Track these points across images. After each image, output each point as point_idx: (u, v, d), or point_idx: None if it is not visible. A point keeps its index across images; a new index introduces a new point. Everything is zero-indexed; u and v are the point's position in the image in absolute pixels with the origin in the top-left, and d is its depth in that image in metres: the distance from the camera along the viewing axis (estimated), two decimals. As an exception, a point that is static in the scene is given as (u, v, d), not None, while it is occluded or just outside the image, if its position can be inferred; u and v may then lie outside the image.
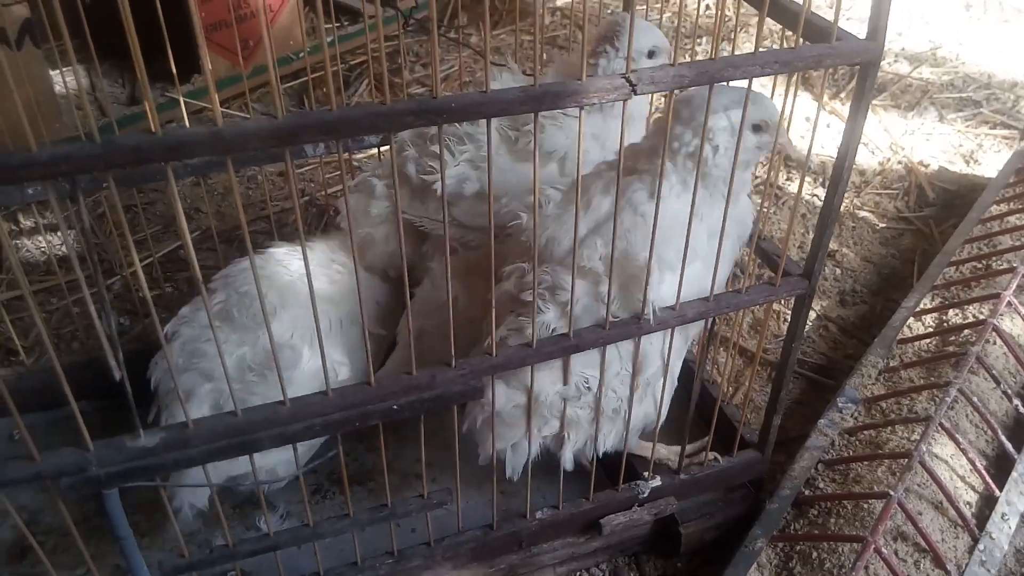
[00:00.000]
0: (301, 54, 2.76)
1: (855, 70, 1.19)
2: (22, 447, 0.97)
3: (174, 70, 1.01)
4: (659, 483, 1.43)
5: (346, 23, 3.02)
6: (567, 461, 1.32)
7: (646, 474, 1.43)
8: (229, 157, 0.82)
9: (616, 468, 1.43)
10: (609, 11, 3.07)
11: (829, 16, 1.04)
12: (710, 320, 1.25)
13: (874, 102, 2.85)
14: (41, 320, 1.74)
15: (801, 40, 1.05)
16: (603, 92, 0.92)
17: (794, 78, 1.10)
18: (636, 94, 0.93)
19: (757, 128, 1.17)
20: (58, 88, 2.48)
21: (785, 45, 1.08)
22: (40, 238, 2.16)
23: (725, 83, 1.00)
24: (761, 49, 0.99)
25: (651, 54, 1.47)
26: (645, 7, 1.77)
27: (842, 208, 2.37)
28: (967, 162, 2.59)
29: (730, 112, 1.12)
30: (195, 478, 1.23)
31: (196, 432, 1.01)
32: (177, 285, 2.04)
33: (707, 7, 3.06)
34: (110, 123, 2.51)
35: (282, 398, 1.02)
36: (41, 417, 1.66)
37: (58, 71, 2.70)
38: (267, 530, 1.19)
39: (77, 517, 1.49)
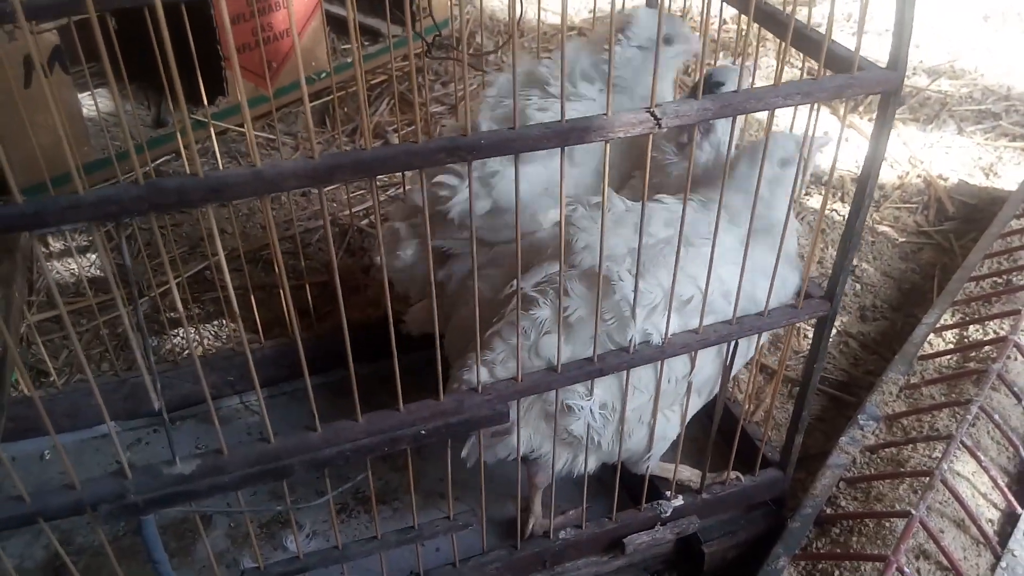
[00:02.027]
0: (324, 74, 2.81)
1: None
2: (59, 467, 1.00)
3: (203, 94, 1.04)
4: (681, 502, 1.45)
5: (366, 43, 3.06)
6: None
7: (668, 493, 1.44)
8: (268, 195, 0.84)
9: (638, 488, 1.45)
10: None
11: (851, 42, 1.06)
12: (733, 343, 1.26)
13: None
14: (79, 339, 1.78)
15: (823, 69, 1.07)
16: (628, 126, 0.95)
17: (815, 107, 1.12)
18: (660, 128, 0.95)
19: (784, 162, 1.22)
20: (86, 111, 2.54)
21: (807, 69, 1.10)
22: (71, 260, 2.20)
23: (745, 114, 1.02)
24: (784, 73, 1.01)
25: (668, 40, 1.47)
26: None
27: (861, 223, 2.38)
28: (987, 175, 2.59)
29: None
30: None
31: (231, 459, 1.04)
32: (204, 305, 2.07)
33: (724, 22, 3.07)
34: (137, 145, 2.58)
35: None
36: (69, 437, 1.70)
37: (86, 94, 2.76)
38: (296, 550, 1.21)
39: (107, 537, 1.53)
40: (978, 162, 2.64)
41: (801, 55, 1.12)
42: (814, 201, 2.42)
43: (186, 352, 1.99)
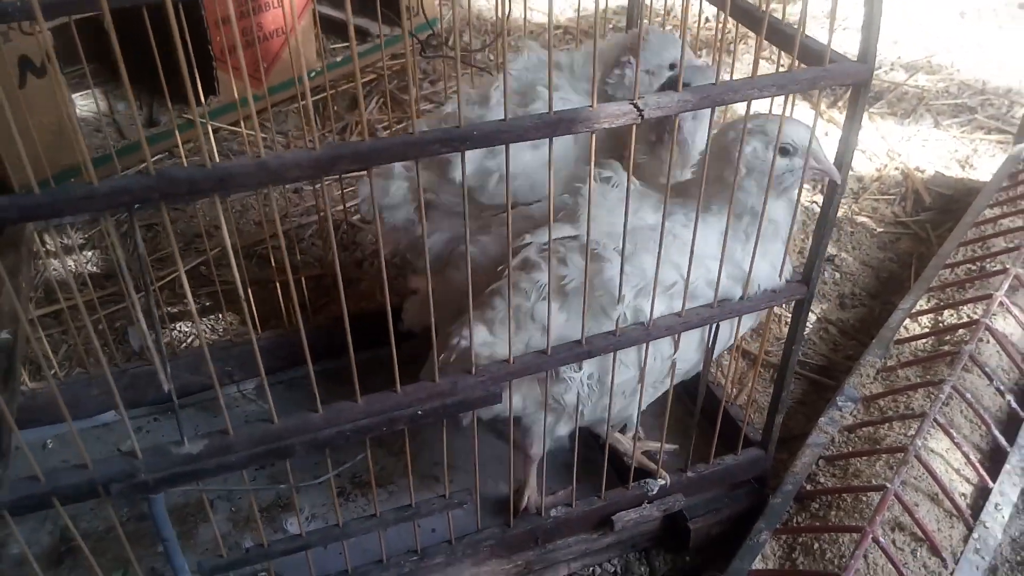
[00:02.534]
0: (314, 73, 2.85)
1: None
2: (62, 455, 1.05)
3: (201, 93, 1.09)
4: (667, 481, 1.50)
5: (356, 42, 3.10)
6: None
7: (655, 472, 1.50)
8: (272, 186, 0.89)
9: (625, 468, 1.50)
10: (611, 26, 3.15)
11: (824, 34, 1.12)
12: (714, 325, 1.32)
13: (871, 110, 2.92)
14: (77, 333, 1.83)
15: (797, 62, 1.13)
16: (613, 117, 1.00)
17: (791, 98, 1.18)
18: (643, 119, 1.00)
19: (784, 151, 1.22)
20: (79, 111, 2.57)
21: (782, 62, 1.15)
22: (67, 257, 2.24)
23: (725, 105, 1.08)
24: (761, 65, 1.06)
25: (672, 67, 1.53)
26: (648, 21, 1.84)
27: (841, 214, 2.45)
28: (962, 167, 2.66)
29: (754, 137, 1.20)
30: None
31: (236, 439, 1.08)
32: (200, 299, 2.11)
33: (707, 20, 3.13)
34: (129, 145, 2.62)
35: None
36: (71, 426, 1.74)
37: (79, 94, 2.79)
38: (298, 530, 1.26)
39: (111, 523, 1.57)
40: (954, 154, 2.71)
41: (778, 58, 1.18)
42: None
43: (184, 344, 2.03)
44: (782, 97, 1.11)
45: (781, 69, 1.13)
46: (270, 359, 1.82)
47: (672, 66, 1.53)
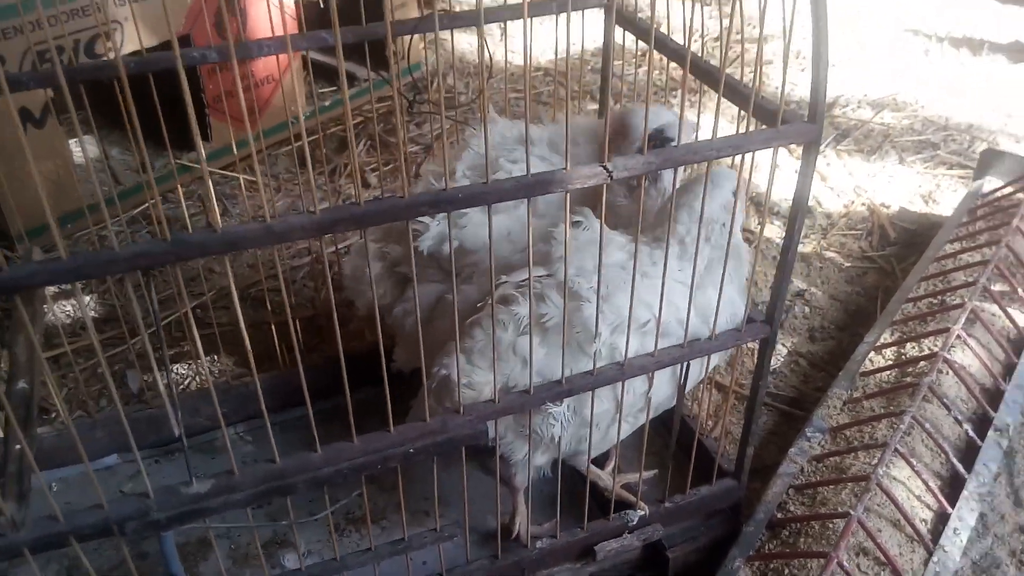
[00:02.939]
0: (304, 116, 2.95)
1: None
2: (67, 497, 1.12)
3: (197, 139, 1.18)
4: (646, 512, 1.59)
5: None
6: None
7: (634, 503, 1.58)
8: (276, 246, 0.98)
9: (607, 500, 1.59)
10: (589, 67, 3.27)
11: (793, 75, 1.22)
12: (685, 364, 1.41)
13: (839, 147, 3.05)
14: (80, 376, 1.90)
15: (752, 121, 1.23)
16: (585, 178, 1.10)
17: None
18: (612, 180, 1.10)
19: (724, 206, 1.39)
20: (76, 158, 2.65)
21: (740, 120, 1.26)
22: (65, 303, 2.31)
23: (688, 166, 1.18)
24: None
25: (659, 131, 1.62)
26: (621, 62, 1.95)
27: (810, 249, 2.56)
28: (926, 202, 2.78)
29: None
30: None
31: (242, 478, 1.16)
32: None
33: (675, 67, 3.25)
34: (125, 190, 2.70)
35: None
36: (73, 470, 1.81)
37: (72, 141, 2.88)
38: (298, 565, 1.34)
39: (114, 561, 1.63)
40: (918, 190, 2.84)
41: (737, 117, 1.28)
42: (769, 231, 2.59)
43: (180, 387, 2.11)
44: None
45: (742, 123, 1.23)
46: (266, 400, 1.90)
47: (659, 130, 1.61)
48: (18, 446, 1.16)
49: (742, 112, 1.25)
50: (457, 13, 1.61)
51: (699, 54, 1.57)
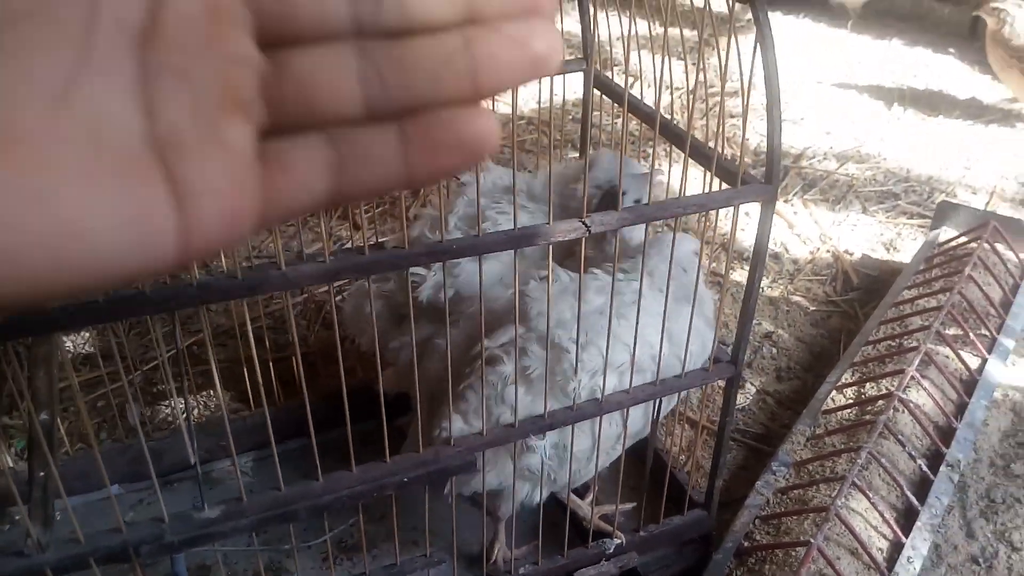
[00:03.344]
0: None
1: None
2: (70, 526, 1.22)
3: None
4: (622, 540, 1.69)
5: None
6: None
7: (611, 533, 1.69)
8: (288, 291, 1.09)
9: (585, 528, 1.69)
10: (571, 116, 3.43)
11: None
12: (657, 400, 1.53)
13: (805, 196, 3.22)
14: (85, 410, 1.98)
15: (715, 180, 1.37)
16: (565, 232, 1.23)
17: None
18: (590, 234, 1.23)
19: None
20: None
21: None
22: (67, 339, 2.40)
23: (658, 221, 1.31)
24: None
25: (624, 191, 1.76)
26: (599, 113, 2.08)
27: (778, 293, 2.70)
28: (887, 249, 2.94)
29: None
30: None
31: (249, 505, 1.26)
32: (192, 378, 2.28)
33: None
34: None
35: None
36: (79, 499, 1.89)
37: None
38: (295, 588, 1.43)
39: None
40: (880, 238, 3.00)
41: (704, 177, 1.42)
42: (738, 275, 2.73)
43: (177, 421, 2.19)
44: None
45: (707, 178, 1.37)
46: (261, 434, 1.99)
47: (624, 191, 1.74)
48: (42, 473, 1.26)
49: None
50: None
51: (669, 106, 1.72)
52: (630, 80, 1.53)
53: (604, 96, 1.84)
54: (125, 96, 0.30)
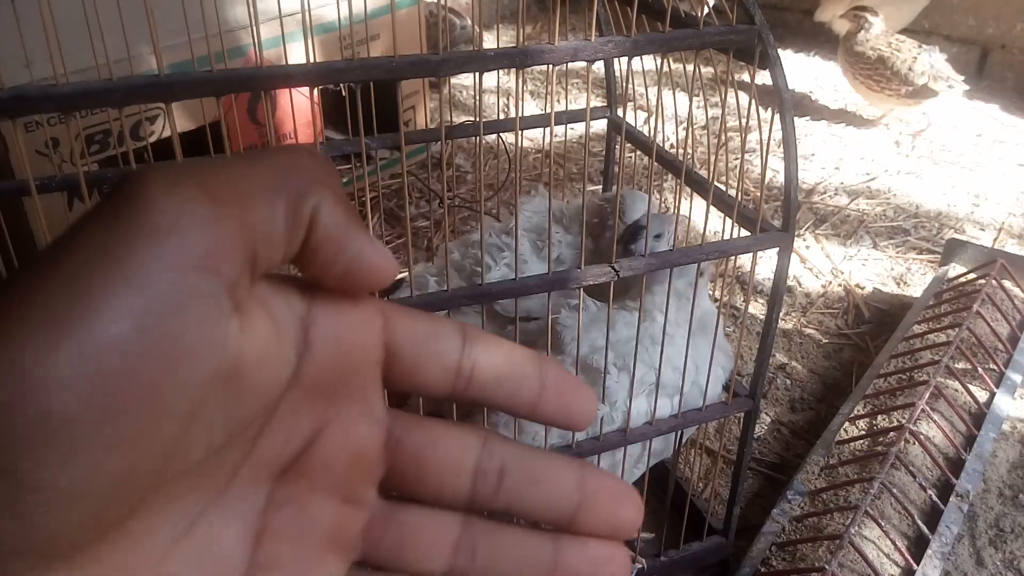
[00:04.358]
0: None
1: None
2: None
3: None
4: (644, 565, 1.77)
5: (359, 165, 3.47)
6: None
7: (634, 558, 1.77)
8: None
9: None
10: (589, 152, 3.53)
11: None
12: (679, 432, 1.62)
13: (817, 231, 3.31)
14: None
15: (736, 228, 1.46)
16: (596, 276, 1.32)
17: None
18: (619, 277, 1.32)
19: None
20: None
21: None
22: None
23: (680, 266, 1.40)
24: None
25: (658, 237, 1.85)
26: (620, 150, 2.18)
27: (791, 326, 2.78)
28: (898, 284, 3.02)
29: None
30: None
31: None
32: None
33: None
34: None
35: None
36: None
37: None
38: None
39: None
40: (890, 272, 3.08)
41: (723, 222, 1.51)
42: (754, 308, 2.82)
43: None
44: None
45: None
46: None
47: (656, 236, 1.83)
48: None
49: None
50: (488, 122, 1.83)
51: (689, 150, 1.82)
52: (647, 115, 1.62)
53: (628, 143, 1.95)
54: (242, 527, 0.31)
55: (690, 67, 1.52)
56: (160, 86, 1.01)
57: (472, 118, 1.98)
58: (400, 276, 2.58)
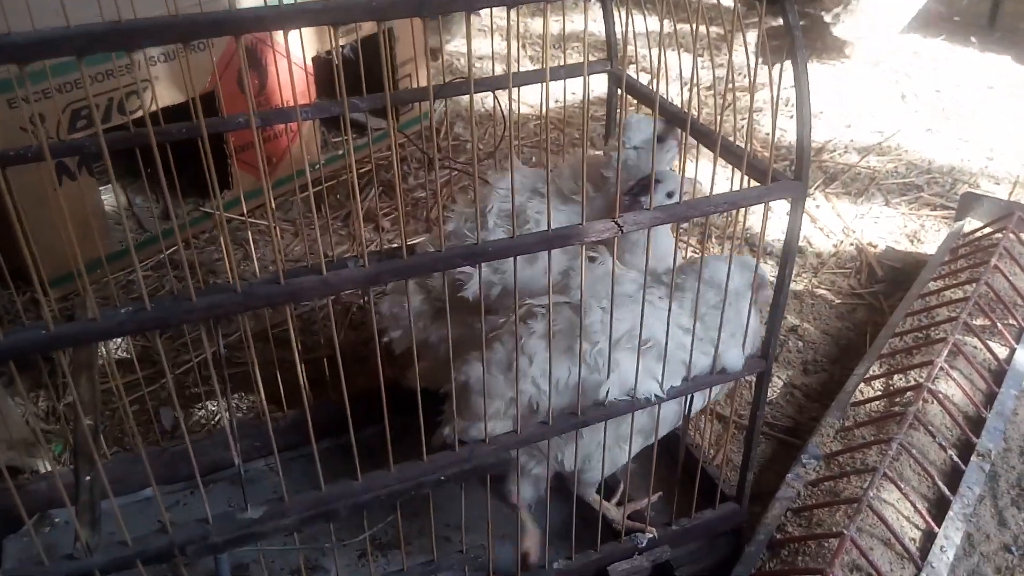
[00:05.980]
0: (317, 165, 3.11)
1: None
2: (109, 527, 1.24)
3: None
4: (655, 534, 1.70)
5: (355, 136, 3.38)
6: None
7: (643, 527, 1.70)
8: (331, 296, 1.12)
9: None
10: (591, 115, 3.44)
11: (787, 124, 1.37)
12: (689, 396, 1.55)
13: (827, 190, 3.21)
14: (130, 413, 2.01)
15: (745, 179, 1.38)
16: (599, 232, 1.24)
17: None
18: (623, 233, 1.24)
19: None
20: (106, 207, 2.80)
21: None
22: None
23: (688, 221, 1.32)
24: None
25: (661, 138, 1.75)
26: (621, 110, 2.09)
27: (803, 287, 2.70)
28: (911, 241, 2.93)
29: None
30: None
31: (290, 505, 1.29)
32: (224, 381, 2.31)
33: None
34: (150, 237, 2.85)
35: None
36: (120, 501, 1.92)
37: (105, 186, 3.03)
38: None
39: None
40: (903, 230, 2.99)
41: (731, 174, 1.43)
42: (764, 268, 2.73)
43: (213, 422, 2.23)
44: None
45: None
46: (294, 435, 2.02)
47: (660, 137, 1.73)
48: (88, 476, 1.29)
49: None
50: (477, 79, 1.75)
51: (693, 103, 1.73)
52: (651, 76, 1.54)
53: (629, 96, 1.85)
54: None
55: (688, 26, 1.43)
56: (121, 32, 0.93)
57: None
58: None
